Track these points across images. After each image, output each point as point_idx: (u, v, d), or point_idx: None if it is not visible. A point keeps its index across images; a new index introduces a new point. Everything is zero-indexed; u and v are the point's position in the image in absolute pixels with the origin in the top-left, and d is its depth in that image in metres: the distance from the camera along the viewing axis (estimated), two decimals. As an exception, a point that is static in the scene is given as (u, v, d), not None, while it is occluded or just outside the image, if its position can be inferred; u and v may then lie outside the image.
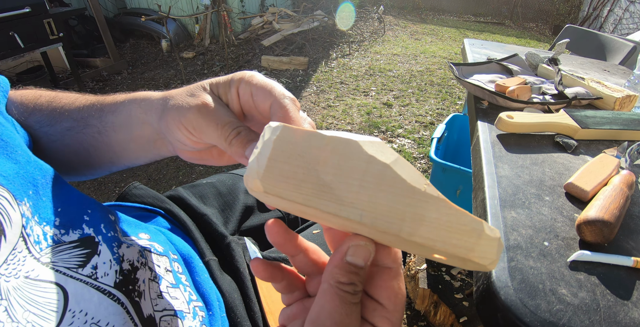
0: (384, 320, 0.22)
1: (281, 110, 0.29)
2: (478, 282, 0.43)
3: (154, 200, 0.53)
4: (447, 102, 2.91)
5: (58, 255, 0.28)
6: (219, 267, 0.46)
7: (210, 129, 0.29)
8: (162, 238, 0.42)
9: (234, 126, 0.29)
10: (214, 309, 0.40)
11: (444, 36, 5.06)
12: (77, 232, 0.30)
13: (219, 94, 0.32)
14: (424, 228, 0.20)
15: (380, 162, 0.20)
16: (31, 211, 0.27)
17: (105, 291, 0.29)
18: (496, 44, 1.35)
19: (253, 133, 0.30)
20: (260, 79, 0.31)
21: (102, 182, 1.98)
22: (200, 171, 2.05)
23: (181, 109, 0.30)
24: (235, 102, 0.32)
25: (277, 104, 0.29)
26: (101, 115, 0.36)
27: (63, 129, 0.37)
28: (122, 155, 0.38)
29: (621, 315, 0.36)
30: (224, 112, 0.30)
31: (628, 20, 4.98)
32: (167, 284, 0.36)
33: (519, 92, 0.81)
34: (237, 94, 0.32)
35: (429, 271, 1.19)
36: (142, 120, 0.34)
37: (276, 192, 0.21)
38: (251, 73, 0.32)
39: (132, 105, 0.34)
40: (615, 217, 0.44)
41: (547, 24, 6.02)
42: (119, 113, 0.35)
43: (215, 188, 0.63)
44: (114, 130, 0.35)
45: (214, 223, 0.52)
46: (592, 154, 0.64)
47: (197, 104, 0.30)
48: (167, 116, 0.31)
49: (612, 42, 1.74)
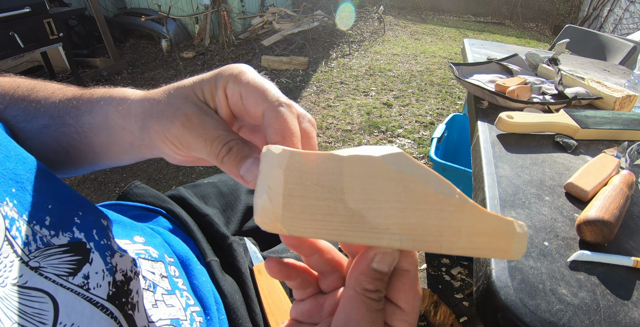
0: (404, 323, 0.22)
1: (277, 122, 0.25)
2: (478, 282, 0.43)
3: (155, 199, 0.53)
4: (447, 102, 2.91)
5: (47, 260, 0.26)
6: (220, 268, 0.46)
7: (198, 145, 0.26)
8: (158, 241, 0.41)
9: (224, 141, 0.26)
10: (212, 313, 0.39)
11: (444, 36, 5.06)
12: (67, 235, 0.28)
13: (204, 98, 0.28)
14: (463, 240, 0.19)
15: (409, 178, 0.18)
16: (17, 210, 0.25)
17: (97, 303, 0.27)
18: (496, 44, 1.35)
19: (247, 147, 0.26)
20: (250, 77, 0.27)
21: (102, 182, 1.98)
22: (200, 171, 2.05)
23: (163, 123, 0.27)
24: (224, 105, 0.28)
25: (272, 113, 0.26)
26: (77, 115, 0.32)
27: (39, 126, 0.33)
28: (104, 156, 0.35)
29: (621, 315, 0.36)
30: (211, 124, 0.27)
31: (628, 20, 4.98)
32: (162, 291, 0.35)
33: (519, 92, 0.81)
34: (225, 95, 0.28)
35: (429, 271, 1.19)
36: (120, 126, 0.31)
37: (302, 232, 0.19)
38: (239, 69, 0.28)
39: (108, 107, 0.31)
40: (615, 217, 0.44)
41: (547, 24, 6.01)
42: (95, 114, 0.32)
43: (216, 188, 0.63)
44: (92, 132, 0.32)
45: (216, 223, 0.52)
46: (592, 154, 0.64)
47: (179, 119, 0.27)
48: (149, 129, 0.28)
49: (612, 42, 1.74)
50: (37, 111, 0.33)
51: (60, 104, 0.33)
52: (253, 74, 0.28)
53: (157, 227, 0.47)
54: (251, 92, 0.27)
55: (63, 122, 0.33)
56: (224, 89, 0.28)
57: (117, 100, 0.31)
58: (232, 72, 0.28)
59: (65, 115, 0.33)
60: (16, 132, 0.34)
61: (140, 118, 0.29)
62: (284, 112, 0.26)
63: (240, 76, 0.27)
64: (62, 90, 0.35)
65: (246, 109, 0.28)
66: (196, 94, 0.28)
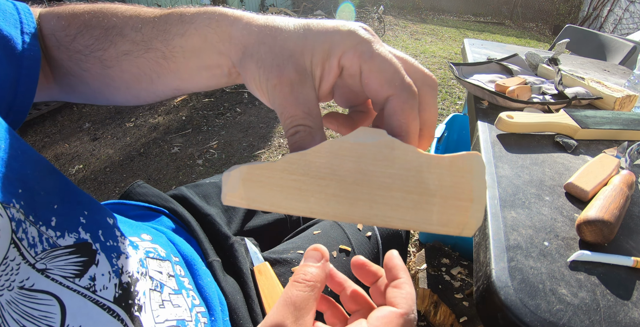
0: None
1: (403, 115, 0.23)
2: (478, 282, 0.43)
3: (158, 199, 0.53)
4: (447, 102, 2.91)
5: (53, 261, 0.25)
6: (221, 269, 0.46)
7: (276, 109, 0.25)
8: (163, 240, 0.41)
9: (295, 123, 0.24)
10: (216, 314, 0.39)
11: (444, 36, 5.06)
12: (73, 236, 0.27)
13: (311, 64, 0.25)
14: None
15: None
16: (24, 211, 0.24)
17: (104, 305, 0.27)
18: (496, 44, 1.35)
19: (309, 138, 0.24)
20: (376, 50, 0.23)
21: (102, 182, 1.98)
22: (200, 171, 2.05)
23: (260, 72, 0.25)
24: (331, 78, 0.25)
25: (398, 105, 0.23)
26: (166, 38, 0.29)
27: (119, 53, 0.31)
28: (191, 82, 0.32)
29: (621, 315, 0.36)
30: (298, 99, 0.24)
31: (628, 20, 4.98)
32: (169, 291, 0.35)
33: (519, 92, 0.81)
34: (339, 66, 0.25)
35: (429, 271, 1.19)
36: (218, 50, 0.28)
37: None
38: (362, 37, 0.24)
39: (206, 29, 0.28)
40: (615, 217, 0.44)
41: (547, 24, 6.02)
42: (189, 37, 0.28)
43: (218, 188, 0.63)
44: (184, 57, 0.29)
45: (218, 223, 0.52)
46: (592, 154, 0.64)
47: (275, 78, 0.24)
48: (245, 68, 0.26)
49: (612, 42, 1.74)
50: (116, 38, 0.31)
51: (144, 28, 0.30)
52: (379, 45, 0.24)
53: (161, 227, 0.47)
54: (376, 72, 0.23)
55: (148, 47, 0.30)
56: (339, 58, 0.24)
57: (216, 22, 0.28)
58: (353, 40, 0.24)
59: (151, 40, 0.30)
60: (89, 63, 0.31)
61: (240, 50, 0.27)
62: (411, 106, 0.23)
63: (364, 48, 0.24)
64: (139, 13, 0.31)
65: (364, 87, 0.25)
66: (303, 55, 0.25)
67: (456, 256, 1.24)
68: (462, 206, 0.21)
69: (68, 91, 0.36)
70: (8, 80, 0.29)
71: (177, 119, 2.63)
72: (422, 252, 1.27)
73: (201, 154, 2.20)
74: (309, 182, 0.22)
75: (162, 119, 2.62)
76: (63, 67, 0.33)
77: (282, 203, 0.23)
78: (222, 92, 3.04)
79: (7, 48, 0.28)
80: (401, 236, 0.64)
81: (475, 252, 0.47)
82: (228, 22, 0.27)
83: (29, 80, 0.30)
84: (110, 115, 2.68)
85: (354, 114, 0.31)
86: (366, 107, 0.31)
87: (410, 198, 0.22)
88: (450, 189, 0.21)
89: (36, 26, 0.31)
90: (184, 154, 2.21)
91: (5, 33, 0.28)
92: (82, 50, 0.31)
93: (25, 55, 0.30)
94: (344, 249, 0.54)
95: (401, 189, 0.22)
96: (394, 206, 0.22)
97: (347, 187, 0.22)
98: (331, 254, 0.53)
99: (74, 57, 0.32)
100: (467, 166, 0.21)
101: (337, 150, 0.22)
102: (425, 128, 0.26)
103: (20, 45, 0.29)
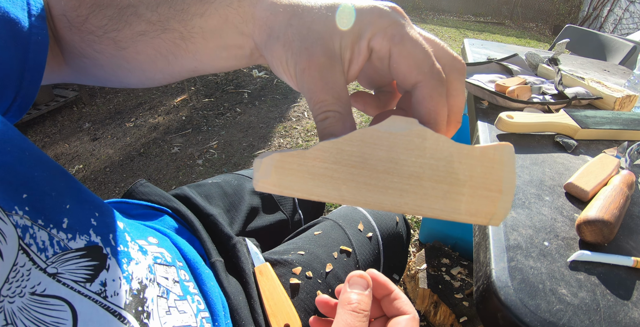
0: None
1: (432, 103, 0.22)
2: (478, 282, 0.43)
3: (161, 198, 0.53)
4: (447, 102, 2.91)
5: (64, 265, 0.25)
6: (224, 269, 0.46)
7: (304, 94, 0.24)
8: (168, 243, 0.41)
9: (324, 109, 0.23)
10: (220, 319, 0.39)
11: (444, 36, 5.06)
12: (84, 238, 0.27)
13: (340, 47, 0.24)
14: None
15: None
16: (30, 217, 0.24)
17: (115, 312, 0.26)
18: (496, 44, 1.35)
19: (340, 124, 0.24)
20: (407, 34, 0.23)
21: (102, 182, 1.98)
22: (200, 171, 2.05)
23: (288, 56, 0.24)
24: (360, 61, 0.24)
25: (427, 92, 0.22)
26: (185, 18, 0.28)
27: (134, 33, 0.29)
28: (210, 64, 0.31)
29: (621, 315, 0.36)
30: (327, 84, 0.23)
31: (628, 20, 4.98)
32: (175, 297, 0.34)
33: (519, 92, 0.81)
34: (368, 49, 0.24)
35: (429, 271, 1.19)
36: (240, 31, 0.27)
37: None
38: (393, 19, 0.23)
39: (227, 9, 0.27)
40: (615, 217, 0.44)
41: (547, 24, 6.02)
42: (208, 17, 0.27)
43: (220, 188, 0.63)
44: (203, 37, 0.28)
45: (220, 223, 0.52)
46: (592, 154, 0.64)
47: (303, 61, 0.23)
48: (271, 51, 0.25)
49: (612, 42, 1.74)
50: (130, 17, 0.29)
51: (160, 8, 0.29)
52: (410, 28, 0.23)
53: (163, 228, 0.47)
54: (405, 57, 0.23)
55: (165, 27, 0.29)
56: (369, 40, 0.23)
57: (238, 1, 0.27)
58: (384, 22, 0.23)
59: (168, 20, 0.28)
60: (100, 46, 0.30)
61: (266, 32, 0.26)
62: (440, 93, 0.23)
63: (395, 30, 0.23)
64: None
65: (392, 71, 0.24)
66: (332, 38, 0.24)
67: (456, 256, 1.24)
68: (491, 197, 0.21)
69: (80, 73, 0.35)
70: (15, 64, 0.28)
71: (177, 119, 2.63)
72: (422, 252, 1.27)
73: (201, 154, 2.20)
74: (341, 170, 0.22)
75: (162, 119, 2.62)
76: (75, 48, 0.31)
77: (314, 190, 0.23)
78: (222, 92, 3.04)
79: (14, 31, 0.27)
80: (402, 236, 0.64)
81: (475, 252, 0.47)
82: (250, 1, 0.26)
83: (36, 64, 0.29)
84: (110, 115, 2.68)
85: (380, 94, 0.30)
86: (392, 87, 0.30)
87: (439, 188, 0.22)
88: (480, 179, 0.21)
89: (44, 7, 0.30)
90: (184, 154, 2.21)
91: (12, 16, 0.27)
92: (95, 31, 0.30)
93: (32, 39, 0.29)
94: (344, 250, 0.54)
95: (431, 179, 0.22)
96: (424, 195, 0.22)
97: (378, 176, 0.22)
98: (332, 254, 0.53)
99: (86, 38, 0.30)
100: (498, 157, 0.21)
101: (369, 139, 0.22)
102: (452, 114, 0.25)
103: (27, 28, 0.28)
